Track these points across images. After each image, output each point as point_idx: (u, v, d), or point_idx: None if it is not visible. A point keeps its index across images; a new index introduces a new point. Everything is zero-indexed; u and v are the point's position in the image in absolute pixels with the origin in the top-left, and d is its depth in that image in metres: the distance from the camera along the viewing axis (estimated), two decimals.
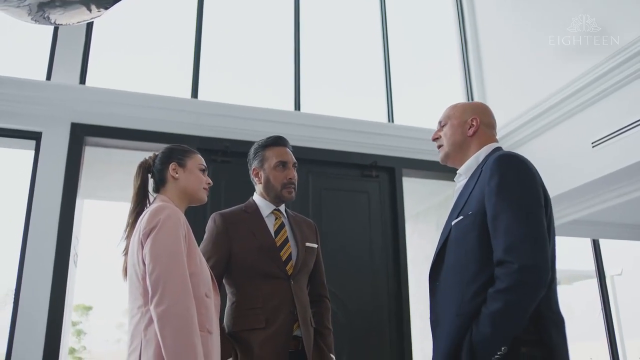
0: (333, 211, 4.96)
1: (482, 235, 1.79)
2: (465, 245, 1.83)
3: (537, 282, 1.65)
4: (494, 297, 1.68)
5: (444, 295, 1.88)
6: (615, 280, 7.22)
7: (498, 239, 1.73)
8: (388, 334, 4.80)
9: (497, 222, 1.74)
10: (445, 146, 2.10)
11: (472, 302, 1.74)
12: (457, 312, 1.78)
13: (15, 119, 4.25)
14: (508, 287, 1.65)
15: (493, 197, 1.77)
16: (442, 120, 2.14)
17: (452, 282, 1.85)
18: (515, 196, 1.76)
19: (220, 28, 5.31)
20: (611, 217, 5.89)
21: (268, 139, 2.62)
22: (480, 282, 1.75)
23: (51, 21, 2.59)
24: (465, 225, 1.85)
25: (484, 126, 2.06)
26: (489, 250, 1.76)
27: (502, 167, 1.81)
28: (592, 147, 4.37)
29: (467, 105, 2.14)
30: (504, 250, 1.69)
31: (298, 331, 2.38)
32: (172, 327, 1.78)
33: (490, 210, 1.77)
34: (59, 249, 4.08)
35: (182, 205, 2.16)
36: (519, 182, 1.79)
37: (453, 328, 1.77)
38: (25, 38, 4.60)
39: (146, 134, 4.56)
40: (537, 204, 1.77)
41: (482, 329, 1.68)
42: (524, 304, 1.65)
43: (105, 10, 2.63)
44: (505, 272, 1.67)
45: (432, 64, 6.28)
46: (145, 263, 1.90)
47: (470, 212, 1.84)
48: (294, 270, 2.44)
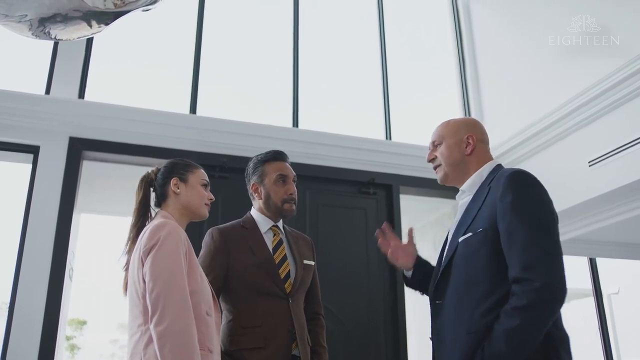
0: (330, 228, 4.95)
1: (493, 252, 1.76)
2: (475, 263, 1.80)
3: (556, 300, 1.63)
4: (510, 314, 1.64)
5: (450, 313, 1.84)
6: (612, 299, 7.20)
7: (514, 256, 1.69)
8: (384, 351, 4.77)
9: (513, 239, 1.71)
10: (444, 166, 2.05)
11: (483, 320, 1.71)
12: (467, 330, 1.74)
13: (13, 132, 4.25)
14: (527, 304, 1.61)
15: (508, 215, 1.74)
16: (436, 140, 2.09)
17: (460, 300, 1.81)
18: (531, 213, 1.73)
19: (219, 44, 5.34)
20: (608, 235, 5.88)
21: (267, 153, 2.59)
22: (492, 299, 1.72)
23: (52, 36, 2.60)
24: (474, 242, 1.81)
25: (480, 143, 2.03)
26: (501, 267, 1.73)
27: (516, 183, 1.79)
28: (589, 166, 4.38)
29: (459, 122, 2.09)
30: (522, 267, 1.66)
31: (296, 350, 2.34)
32: (172, 347, 1.76)
33: (505, 227, 1.74)
34: (55, 263, 4.06)
35: (183, 220, 2.14)
36: (534, 199, 1.77)
37: (464, 346, 1.73)
38: (25, 52, 4.62)
39: (144, 149, 4.56)
40: (552, 221, 1.76)
41: (497, 347, 1.64)
42: (542, 323, 1.62)
43: (106, 26, 2.65)
44: (525, 289, 1.63)
45: (430, 82, 6.31)
46: (145, 281, 1.88)
47: (481, 229, 1.81)
48: (292, 289, 2.41)
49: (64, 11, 2.48)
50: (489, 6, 6.03)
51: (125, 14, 2.64)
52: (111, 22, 2.65)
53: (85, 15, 2.53)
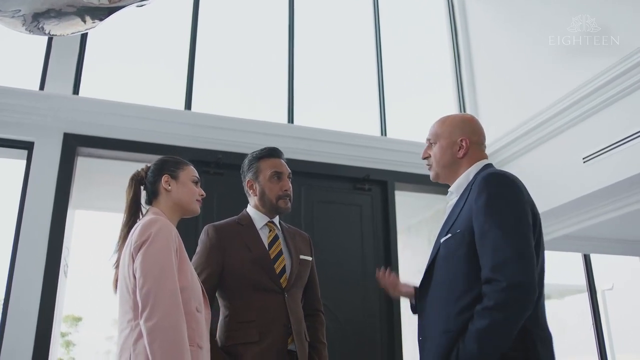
0: (325, 224, 4.96)
1: (469, 253, 1.79)
2: (453, 263, 1.84)
3: (524, 300, 1.65)
4: (481, 314, 1.68)
5: (431, 312, 1.89)
6: (606, 294, 7.23)
7: (485, 257, 1.73)
8: (380, 347, 4.79)
9: (485, 240, 1.74)
10: (435, 167, 2.07)
11: (458, 319, 1.75)
12: (444, 329, 1.78)
13: (8, 128, 4.24)
14: (495, 305, 1.65)
15: (481, 216, 1.77)
16: (431, 138, 2.09)
17: (439, 299, 1.86)
18: (502, 214, 1.76)
19: (214, 40, 5.33)
20: (602, 232, 5.91)
21: (262, 150, 2.60)
22: (467, 299, 1.75)
23: (45, 32, 2.59)
24: (453, 244, 1.85)
25: (473, 145, 2.02)
26: (477, 268, 1.76)
27: (489, 185, 1.82)
28: (584, 163, 4.40)
29: (456, 122, 2.07)
30: (491, 268, 1.69)
31: (292, 345, 2.35)
32: (162, 342, 1.76)
33: (478, 229, 1.77)
34: (49, 259, 4.06)
35: (174, 217, 2.14)
36: (506, 201, 1.79)
37: (440, 345, 1.77)
38: (19, 48, 4.60)
39: (139, 145, 4.55)
40: (524, 222, 1.77)
41: (469, 346, 1.68)
42: (510, 322, 1.65)
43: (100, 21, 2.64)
44: (493, 289, 1.67)
45: (425, 78, 6.32)
46: (135, 277, 1.88)
47: (459, 230, 1.85)
48: (288, 284, 2.42)
49: (58, 6, 2.47)
50: (484, 2, 6.04)
51: (120, 9, 2.63)
52: (105, 18, 2.64)
53: (79, 10, 2.52)
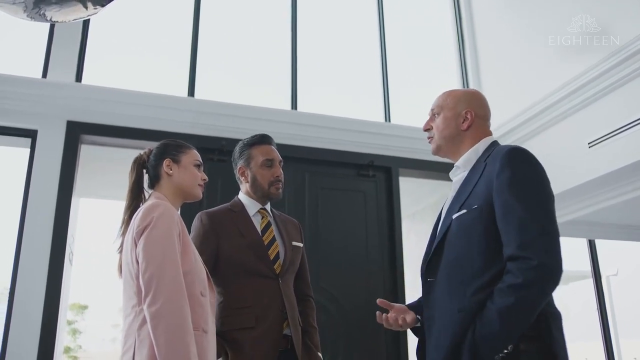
0: (329, 210, 4.96)
1: (488, 229, 1.72)
2: (469, 240, 1.76)
3: (553, 279, 1.61)
4: (505, 291, 1.61)
5: (442, 291, 1.81)
6: (611, 280, 7.24)
7: (510, 234, 1.66)
8: (384, 333, 4.80)
9: (510, 216, 1.67)
10: (437, 139, 2.01)
11: (475, 298, 1.69)
12: (459, 307, 1.71)
13: (11, 116, 4.23)
14: (524, 282, 1.58)
15: (505, 191, 1.70)
16: (435, 108, 2.05)
17: (452, 277, 1.78)
18: (528, 190, 1.70)
19: (217, 26, 5.30)
20: (607, 217, 5.89)
21: (253, 137, 2.64)
22: (485, 277, 1.69)
23: (47, 18, 2.58)
24: (469, 219, 1.78)
25: (478, 119, 1.98)
26: (496, 245, 1.70)
27: (514, 160, 1.75)
28: (589, 148, 4.37)
29: (462, 94, 2.04)
30: (518, 245, 1.62)
31: (287, 330, 2.39)
32: (165, 327, 1.76)
33: (501, 204, 1.70)
34: (55, 248, 4.07)
35: (176, 201, 2.13)
36: (532, 177, 1.74)
37: (455, 324, 1.71)
38: (21, 35, 4.58)
39: (142, 133, 4.54)
40: (550, 200, 1.72)
41: (489, 325, 1.62)
42: (536, 302, 1.60)
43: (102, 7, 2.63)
44: (522, 267, 1.60)
45: (429, 64, 6.28)
46: (138, 262, 1.88)
47: (476, 205, 1.77)
48: (282, 269, 2.46)
49: None
50: None
51: None
52: (107, 4, 2.62)
53: None
